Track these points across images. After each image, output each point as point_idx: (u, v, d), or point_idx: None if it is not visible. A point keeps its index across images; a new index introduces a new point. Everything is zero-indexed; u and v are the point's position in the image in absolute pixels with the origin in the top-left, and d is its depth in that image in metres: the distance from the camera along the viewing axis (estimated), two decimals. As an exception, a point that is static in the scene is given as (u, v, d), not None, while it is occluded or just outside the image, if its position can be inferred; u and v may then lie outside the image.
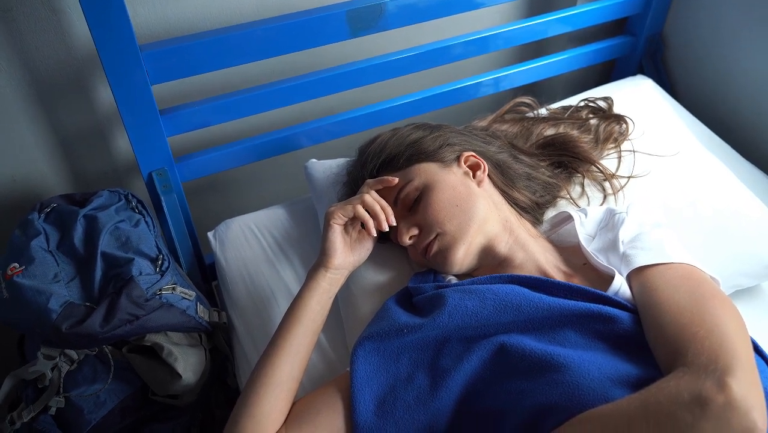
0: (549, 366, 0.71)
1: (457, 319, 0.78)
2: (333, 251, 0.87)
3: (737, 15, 1.32)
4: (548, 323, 0.77)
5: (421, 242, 0.90)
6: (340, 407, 0.78)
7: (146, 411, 1.03)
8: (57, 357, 0.95)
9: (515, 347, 0.74)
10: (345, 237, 0.90)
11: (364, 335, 0.83)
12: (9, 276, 0.93)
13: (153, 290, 0.95)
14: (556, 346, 0.74)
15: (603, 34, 1.52)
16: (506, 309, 0.78)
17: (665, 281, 0.77)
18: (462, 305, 0.79)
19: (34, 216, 1.02)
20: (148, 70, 0.97)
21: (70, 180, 1.23)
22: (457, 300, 0.80)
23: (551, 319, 0.77)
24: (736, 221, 1.07)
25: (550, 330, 0.77)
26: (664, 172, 1.11)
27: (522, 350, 0.74)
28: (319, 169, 1.14)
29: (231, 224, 1.18)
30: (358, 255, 0.91)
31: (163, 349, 0.97)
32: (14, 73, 1.06)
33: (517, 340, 0.75)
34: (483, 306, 0.79)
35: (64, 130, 1.16)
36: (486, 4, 1.23)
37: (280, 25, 1.04)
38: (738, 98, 1.38)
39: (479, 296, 0.80)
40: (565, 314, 0.76)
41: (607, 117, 1.12)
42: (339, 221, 0.88)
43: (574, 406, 0.65)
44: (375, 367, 0.80)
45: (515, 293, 0.79)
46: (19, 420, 0.95)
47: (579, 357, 0.71)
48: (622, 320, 0.75)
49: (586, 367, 0.69)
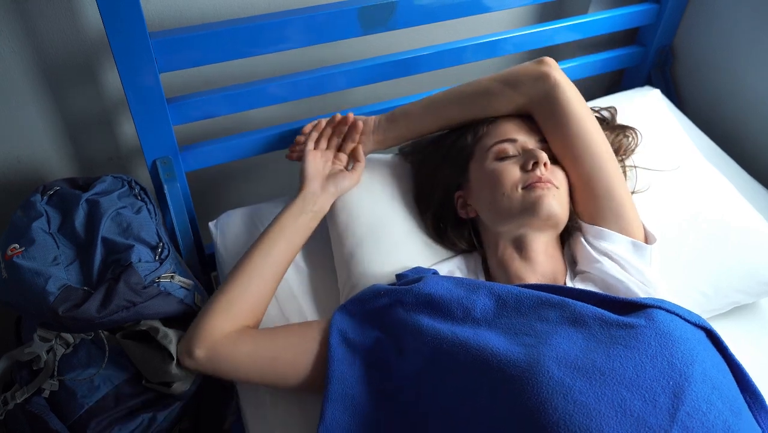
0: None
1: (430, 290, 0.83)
2: (306, 173, 1.01)
3: (748, 30, 1.32)
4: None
5: (547, 175, 0.91)
6: (314, 336, 0.86)
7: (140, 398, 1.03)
8: (53, 340, 0.96)
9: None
10: (318, 167, 1.03)
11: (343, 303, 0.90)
12: (9, 257, 0.93)
13: (151, 277, 0.95)
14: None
15: (613, 44, 1.52)
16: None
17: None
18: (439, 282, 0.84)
19: (36, 198, 1.02)
20: (157, 58, 0.97)
21: (74, 164, 1.24)
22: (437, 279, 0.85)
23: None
24: (735, 237, 1.06)
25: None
26: (666, 186, 1.10)
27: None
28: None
29: (233, 215, 1.18)
30: (335, 183, 1.03)
31: (158, 331, 0.97)
32: (24, 56, 1.06)
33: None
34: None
35: (71, 114, 1.17)
36: (497, 7, 1.23)
37: (290, 18, 1.04)
38: (745, 113, 1.38)
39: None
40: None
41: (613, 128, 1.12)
42: (311, 146, 1.05)
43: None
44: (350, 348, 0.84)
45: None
46: (13, 401, 0.95)
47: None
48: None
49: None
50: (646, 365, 0.68)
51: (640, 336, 0.71)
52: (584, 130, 0.94)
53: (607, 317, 0.75)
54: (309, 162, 1.03)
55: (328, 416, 0.78)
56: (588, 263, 0.91)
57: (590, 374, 0.68)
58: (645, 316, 0.74)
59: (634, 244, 0.91)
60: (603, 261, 0.88)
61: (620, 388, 0.67)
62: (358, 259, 0.99)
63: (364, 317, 0.86)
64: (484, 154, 0.97)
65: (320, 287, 1.07)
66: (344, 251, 1.02)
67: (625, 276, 0.86)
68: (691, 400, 0.66)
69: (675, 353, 0.69)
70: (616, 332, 0.73)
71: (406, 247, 1.01)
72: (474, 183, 0.97)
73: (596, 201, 0.93)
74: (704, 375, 0.68)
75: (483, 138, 0.99)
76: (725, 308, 1.08)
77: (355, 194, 1.06)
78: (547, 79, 0.95)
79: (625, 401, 0.66)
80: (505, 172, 0.92)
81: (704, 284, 1.04)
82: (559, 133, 0.95)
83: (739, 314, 1.10)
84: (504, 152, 0.95)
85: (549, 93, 0.95)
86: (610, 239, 0.91)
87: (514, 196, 0.90)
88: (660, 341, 0.70)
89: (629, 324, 0.73)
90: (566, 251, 0.97)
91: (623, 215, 0.92)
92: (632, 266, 0.88)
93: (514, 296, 0.80)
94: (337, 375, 0.81)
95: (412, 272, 0.93)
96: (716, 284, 1.05)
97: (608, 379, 0.67)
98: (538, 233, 0.91)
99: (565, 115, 0.94)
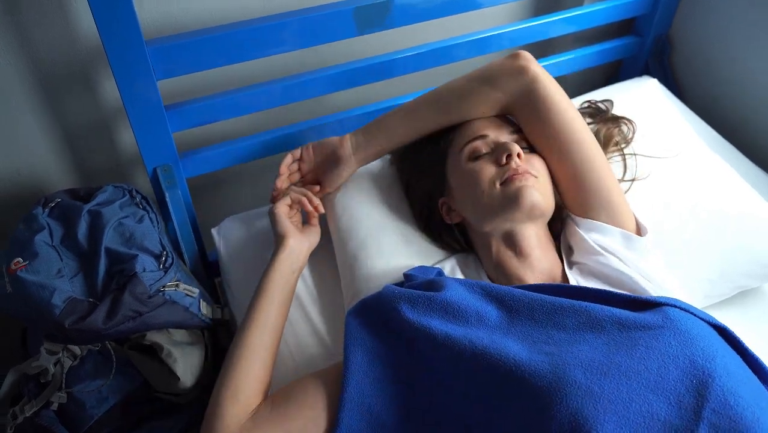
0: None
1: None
2: (285, 232, 0.98)
3: (745, 16, 1.32)
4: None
5: (523, 166, 0.89)
6: (330, 391, 0.81)
7: (148, 407, 1.03)
8: (60, 352, 0.95)
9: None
10: (292, 222, 1.01)
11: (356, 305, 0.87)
12: (13, 271, 0.93)
13: (156, 286, 0.95)
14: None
15: (609, 35, 1.52)
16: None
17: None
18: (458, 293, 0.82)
19: (38, 211, 1.02)
20: (154, 66, 0.97)
21: (75, 174, 1.23)
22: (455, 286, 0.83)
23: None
24: (740, 222, 1.07)
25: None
26: (667, 173, 1.10)
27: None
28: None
29: (235, 220, 1.18)
30: (308, 238, 1.01)
31: (163, 349, 0.97)
32: (20, 67, 1.05)
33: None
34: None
35: (69, 124, 1.16)
36: (492, 3, 1.23)
37: (286, 21, 1.04)
38: (744, 100, 1.38)
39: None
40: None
41: (607, 120, 1.11)
42: (283, 209, 1.00)
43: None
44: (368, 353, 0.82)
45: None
46: (22, 415, 0.95)
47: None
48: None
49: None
50: (669, 365, 0.68)
51: (660, 336, 0.70)
52: (567, 123, 0.92)
53: (624, 319, 0.74)
54: (285, 221, 0.99)
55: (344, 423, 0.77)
56: (586, 254, 0.90)
57: (616, 378, 0.67)
58: (661, 315, 0.74)
59: (626, 236, 0.90)
60: (604, 254, 0.88)
61: (646, 392, 0.66)
62: (361, 261, 0.99)
63: (379, 323, 0.84)
64: (457, 156, 0.95)
65: (324, 290, 1.07)
66: (347, 253, 1.01)
67: (627, 269, 0.86)
68: (716, 396, 0.65)
69: (696, 351, 0.69)
70: (635, 333, 0.72)
71: (408, 248, 1.01)
72: (454, 187, 0.96)
73: (585, 193, 0.92)
74: (727, 370, 0.68)
75: (454, 140, 0.97)
76: (731, 292, 1.08)
77: (356, 197, 1.05)
78: (526, 73, 0.93)
79: (652, 406, 0.65)
80: (480, 170, 0.91)
81: (709, 270, 1.05)
82: (543, 127, 0.93)
83: (744, 299, 1.10)
84: (477, 150, 0.93)
85: (529, 87, 0.93)
86: (601, 231, 0.90)
87: (494, 193, 0.89)
88: (680, 340, 0.70)
89: (647, 325, 0.72)
90: (562, 240, 0.96)
91: (613, 206, 0.91)
92: (629, 259, 0.88)
93: (526, 305, 0.79)
94: (354, 382, 0.79)
95: (419, 270, 0.93)
96: (721, 269, 1.05)
97: (634, 383, 0.67)
98: (525, 226, 0.90)
99: (546, 109, 0.92)
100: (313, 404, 0.80)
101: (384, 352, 0.81)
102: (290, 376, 0.94)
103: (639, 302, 0.78)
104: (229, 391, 0.82)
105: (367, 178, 1.08)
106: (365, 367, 0.80)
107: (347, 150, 1.02)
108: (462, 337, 0.76)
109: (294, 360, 0.98)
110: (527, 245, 0.90)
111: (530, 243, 0.90)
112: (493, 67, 0.97)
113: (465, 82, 0.99)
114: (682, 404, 0.65)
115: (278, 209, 1.00)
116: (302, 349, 0.99)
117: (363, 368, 0.80)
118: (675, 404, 0.66)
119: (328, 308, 1.05)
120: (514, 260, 0.90)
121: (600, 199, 0.91)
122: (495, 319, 0.79)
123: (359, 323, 0.84)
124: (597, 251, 0.89)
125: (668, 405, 0.66)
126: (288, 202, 1.01)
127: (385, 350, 0.81)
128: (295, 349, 0.99)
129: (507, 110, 0.98)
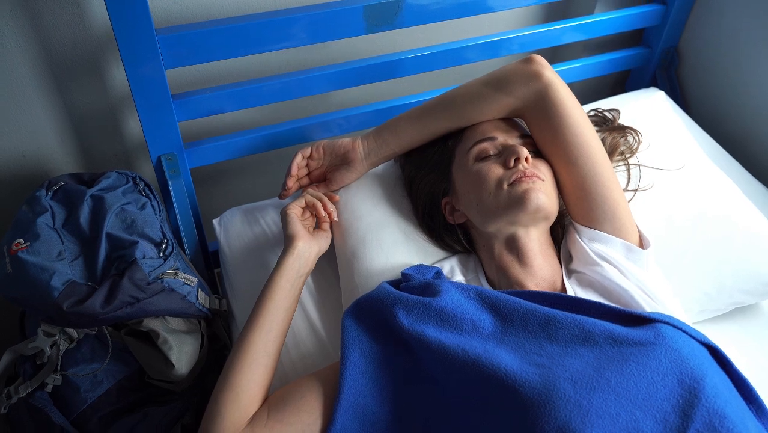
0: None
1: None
2: (296, 234, 0.95)
3: (754, 32, 1.32)
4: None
5: (530, 169, 0.90)
6: (326, 394, 0.80)
7: (142, 393, 1.04)
8: (57, 335, 0.96)
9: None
10: (303, 225, 0.98)
11: (353, 302, 0.87)
12: (14, 251, 0.93)
13: (155, 273, 0.96)
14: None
15: (618, 45, 1.52)
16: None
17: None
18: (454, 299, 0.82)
19: (41, 193, 1.03)
20: (163, 54, 0.98)
21: (79, 159, 1.24)
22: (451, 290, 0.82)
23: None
24: (739, 238, 1.06)
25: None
26: (670, 186, 1.10)
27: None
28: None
29: (237, 212, 1.18)
30: (318, 242, 0.98)
31: (159, 336, 0.97)
32: (30, 51, 1.06)
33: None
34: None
35: (76, 109, 1.17)
36: (503, 7, 1.23)
37: (296, 17, 1.04)
38: (750, 115, 1.38)
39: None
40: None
41: (613, 129, 1.11)
42: (296, 211, 0.98)
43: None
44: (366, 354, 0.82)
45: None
46: (16, 395, 0.95)
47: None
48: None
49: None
50: (658, 383, 0.68)
51: (651, 353, 0.70)
52: (579, 132, 0.91)
53: (616, 334, 0.74)
54: (297, 224, 0.97)
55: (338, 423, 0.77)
56: (585, 264, 0.90)
57: (605, 393, 0.67)
58: (654, 331, 0.73)
59: (628, 247, 0.90)
60: (602, 265, 0.88)
61: (634, 408, 0.66)
62: (360, 258, 0.99)
63: (376, 325, 0.84)
64: (464, 156, 0.95)
65: (324, 286, 1.07)
66: (346, 250, 1.02)
67: (626, 282, 0.86)
68: (701, 417, 0.66)
69: (685, 370, 0.69)
70: (626, 349, 0.72)
71: (408, 246, 1.01)
72: (459, 187, 0.96)
73: (591, 203, 0.91)
74: (715, 390, 0.68)
75: (462, 140, 0.97)
76: (727, 308, 1.08)
77: (357, 194, 1.06)
78: (540, 78, 0.92)
79: (638, 422, 0.66)
80: (488, 171, 0.91)
81: (707, 284, 1.04)
82: (553, 135, 0.92)
83: (741, 316, 1.10)
84: (484, 152, 0.93)
85: (542, 93, 0.92)
86: (604, 241, 0.90)
87: (500, 194, 0.89)
88: (670, 358, 0.70)
89: (639, 341, 0.73)
90: (562, 248, 0.96)
91: (617, 218, 0.91)
92: (629, 271, 0.88)
93: (521, 314, 0.79)
94: (350, 383, 0.79)
95: (416, 270, 0.93)
96: (719, 284, 1.05)
97: (622, 399, 0.67)
98: (528, 230, 0.90)
99: (559, 116, 0.91)
100: (310, 409, 0.80)
101: (380, 353, 0.82)
102: (288, 375, 0.95)
103: (633, 317, 0.78)
104: (231, 393, 0.81)
105: (369, 175, 1.08)
106: (362, 367, 0.81)
107: (359, 154, 1.03)
108: (455, 345, 0.76)
109: (291, 359, 0.98)
110: (530, 251, 0.90)
111: (533, 250, 0.90)
112: (507, 71, 0.95)
113: (478, 86, 0.98)
114: (668, 423, 0.66)
115: (291, 211, 0.98)
116: (300, 349, 1.00)
117: (360, 368, 0.80)
118: (661, 422, 0.66)
119: (327, 307, 1.05)
120: (516, 265, 0.90)
121: (605, 211, 0.91)
122: (489, 327, 0.79)
123: (356, 324, 0.84)
124: (597, 261, 0.89)
125: (654, 423, 0.66)
126: (302, 205, 1.00)
127: (381, 351, 0.82)
128: (293, 348, 1.00)
129: (518, 114, 0.97)
